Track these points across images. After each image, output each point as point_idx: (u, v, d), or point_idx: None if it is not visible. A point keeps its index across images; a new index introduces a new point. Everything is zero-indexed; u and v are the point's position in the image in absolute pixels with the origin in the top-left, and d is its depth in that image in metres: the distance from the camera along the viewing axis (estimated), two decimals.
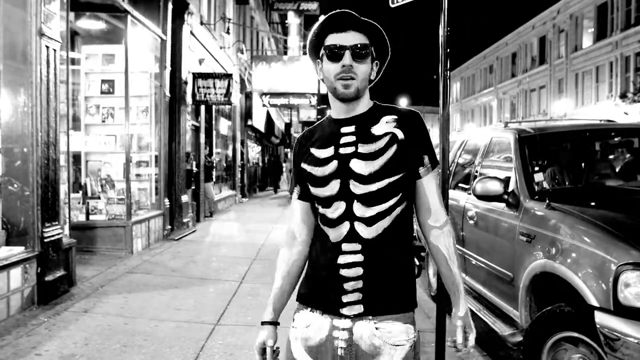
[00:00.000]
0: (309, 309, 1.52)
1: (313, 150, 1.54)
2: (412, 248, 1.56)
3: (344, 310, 1.45)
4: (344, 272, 1.44)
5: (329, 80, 1.49)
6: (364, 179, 1.44)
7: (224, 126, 14.85)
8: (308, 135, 1.61)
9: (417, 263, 3.19)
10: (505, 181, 3.59)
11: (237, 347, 3.75)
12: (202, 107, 11.56)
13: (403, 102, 67.20)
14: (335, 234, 1.47)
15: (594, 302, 2.43)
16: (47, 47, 4.56)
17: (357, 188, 1.45)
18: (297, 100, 17.68)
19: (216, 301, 4.93)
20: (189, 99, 9.94)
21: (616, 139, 4.43)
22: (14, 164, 4.45)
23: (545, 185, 3.43)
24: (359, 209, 1.45)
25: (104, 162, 7.49)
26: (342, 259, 1.45)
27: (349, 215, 1.45)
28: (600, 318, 2.37)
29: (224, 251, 7.65)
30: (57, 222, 4.78)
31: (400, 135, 1.47)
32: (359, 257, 1.44)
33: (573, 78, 29.51)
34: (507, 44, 38.84)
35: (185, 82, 9.62)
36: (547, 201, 3.09)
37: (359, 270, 1.44)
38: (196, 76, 10.24)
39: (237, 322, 4.32)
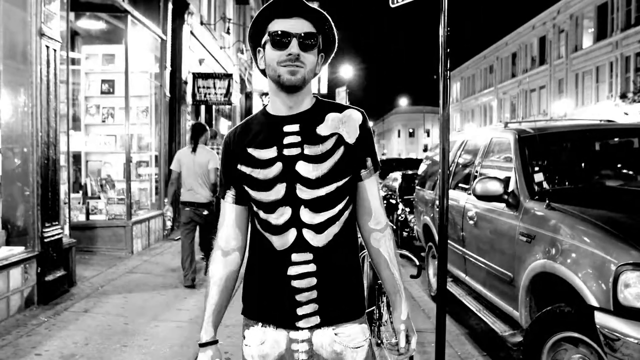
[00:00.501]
0: (260, 324, 1.44)
1: (251, 151, 1.40)
2: (358, 251, 1.51)
3: (300, 323, 1.38)
4: (296, 283, 1.36)
5: (272, 68, 1.36)
6: (311, 183, 1.35)
7: (224, 126, 14.85)
8: (241, 132, 1.45)
9: (417, 263, 3.19)
10: (505, 181, 3.58)
11: (237, 347, 3.74)
12: (202, 107, 11.56)
13: (403, 102, 67.19)
14: (280, 242, 1.37)
15: (593, 302, 2.43)
16: (47, 47, 4.56)
17: (303, 193, 1.35)
18: None
19: None
20: (189, 99, 9.94)
21: (616, 139, 4.44)
22: (14, 164, 4.45)
23: (545, 185, 3.43)
24: (306, 215, 1.36)
25: (104, 162, 7.49)
26: (293, 270, 1.36)
27: (295, 221, 1.36)
28: (600, 318, 2.37)
29: None
30: (57, 222, 4.78)
31: (346, 136, 1.39)
32: (311, 267, 1.36)
33: (573, 78, 29.50)
34: (507, 44, 38.83)
35: (185, 82, 9.62)
36: (547, 201, 3.09)
37: (312, 281, 1.36)
38: (196, 76, 10.24)
39: (237, 322, 4.31)
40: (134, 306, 4.65)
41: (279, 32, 1.34)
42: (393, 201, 9.45)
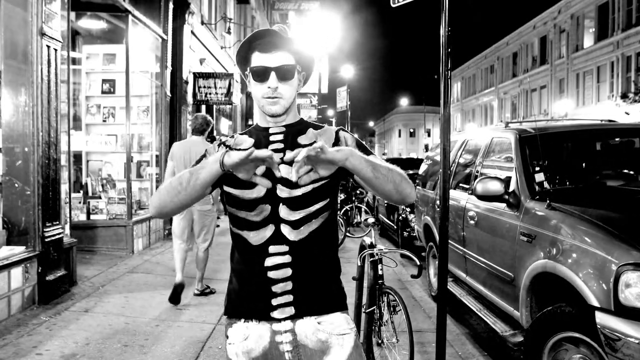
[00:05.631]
0: (242, 320, 1.48)
1: None
2: (336, 248, 1.58)
3: (275, 314, 1.43)
4: (272, 274, 1.42)
5: (257, 99, 1.51)
6: (290, 184, 1.44)
7: (224, 126, 14.85)
8: (234, 139, 1.58)
9: (418, 263, 3.19)
10: (506, 181, 3.58)
11: None
12: (203, 107, 11.56)
13: (404, 102, 67.21)
14: (257, 237, 1.45)
15: (594, 302, 2.43)
16: (48, 46, 4.57)
17: (282, 192, 1.45)
18: (298, 100, 17.66)
19: (217, 301, 4.93)
20: (189, 98, 9.94)
21: (617, 139, 4.43)
22: (15, 163, 4.45)
23: (545, 185, 3.42)
24: (284, 211, 1.45)
25: (104, 162, 7.49)
26: (269, 261, 1.43)
27: (274, 218, 1.45)
28: (600, 318, 2.37)
29: (224, 251, 7.65)
30: (58, 222, 4.79)
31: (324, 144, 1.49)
32: (286, 258, 1.43)
33: (574, 78, 29.48)
34: (508, 43, 38.81)
35: (186, 82, 9.62)
36: (548, 201, 3.08)
37: (287, 272, 1.42)
38: (197, 76, 10.24)
39: None
40: (135, 306, 4.65)
41: (258, 67, 1.47)
42: None
